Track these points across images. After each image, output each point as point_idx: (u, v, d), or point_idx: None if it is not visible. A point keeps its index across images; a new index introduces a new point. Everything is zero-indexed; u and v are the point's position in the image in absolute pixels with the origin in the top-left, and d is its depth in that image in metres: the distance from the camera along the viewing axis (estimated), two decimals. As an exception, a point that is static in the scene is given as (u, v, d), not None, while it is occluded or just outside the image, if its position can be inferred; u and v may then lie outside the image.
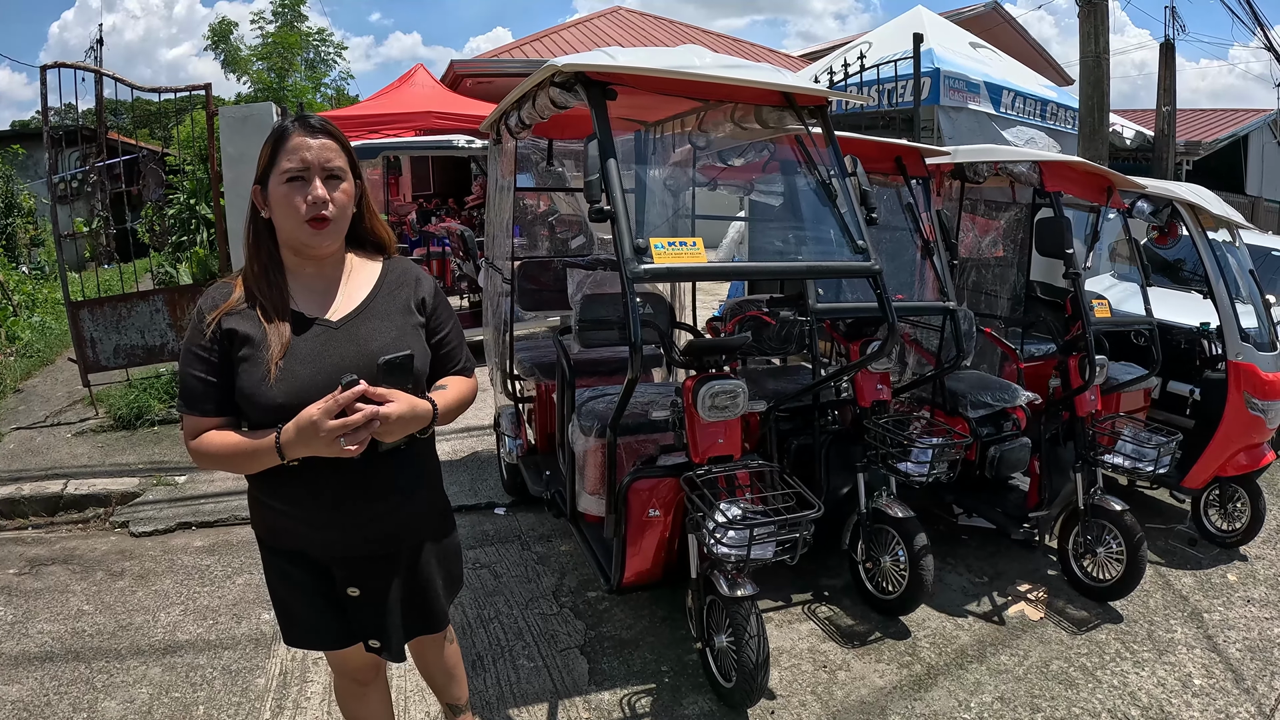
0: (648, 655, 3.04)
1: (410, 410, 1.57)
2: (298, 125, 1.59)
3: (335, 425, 1.47)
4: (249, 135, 5.10)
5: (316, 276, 1.69)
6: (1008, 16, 14.04)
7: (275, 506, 1.68)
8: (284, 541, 1.72)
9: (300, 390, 1.54)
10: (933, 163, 3.68)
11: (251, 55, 12.40)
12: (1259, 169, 14.58)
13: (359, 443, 1.50)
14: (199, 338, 1.59)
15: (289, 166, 1.56)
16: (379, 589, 1.75)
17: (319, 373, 1.57)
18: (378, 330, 1.67)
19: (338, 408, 1.48)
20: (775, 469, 2.65)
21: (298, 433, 1.50)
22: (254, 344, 1.57)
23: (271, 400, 1.55)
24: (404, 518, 1.75)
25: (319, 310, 1.66)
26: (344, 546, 1.70)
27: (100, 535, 4.18)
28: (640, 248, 2.20)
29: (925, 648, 3.19)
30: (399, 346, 1.63)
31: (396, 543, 1.75)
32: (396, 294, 1.74)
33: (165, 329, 5.50)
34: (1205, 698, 2.97)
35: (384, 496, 1.69)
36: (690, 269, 2.29)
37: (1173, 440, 3.46)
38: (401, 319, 1.71)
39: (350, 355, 1.61)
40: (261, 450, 1.54)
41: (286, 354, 1.57)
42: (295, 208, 1.56)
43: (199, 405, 1.60)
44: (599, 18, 15.29)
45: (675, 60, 2.53)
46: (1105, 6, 6.35)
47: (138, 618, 3.31)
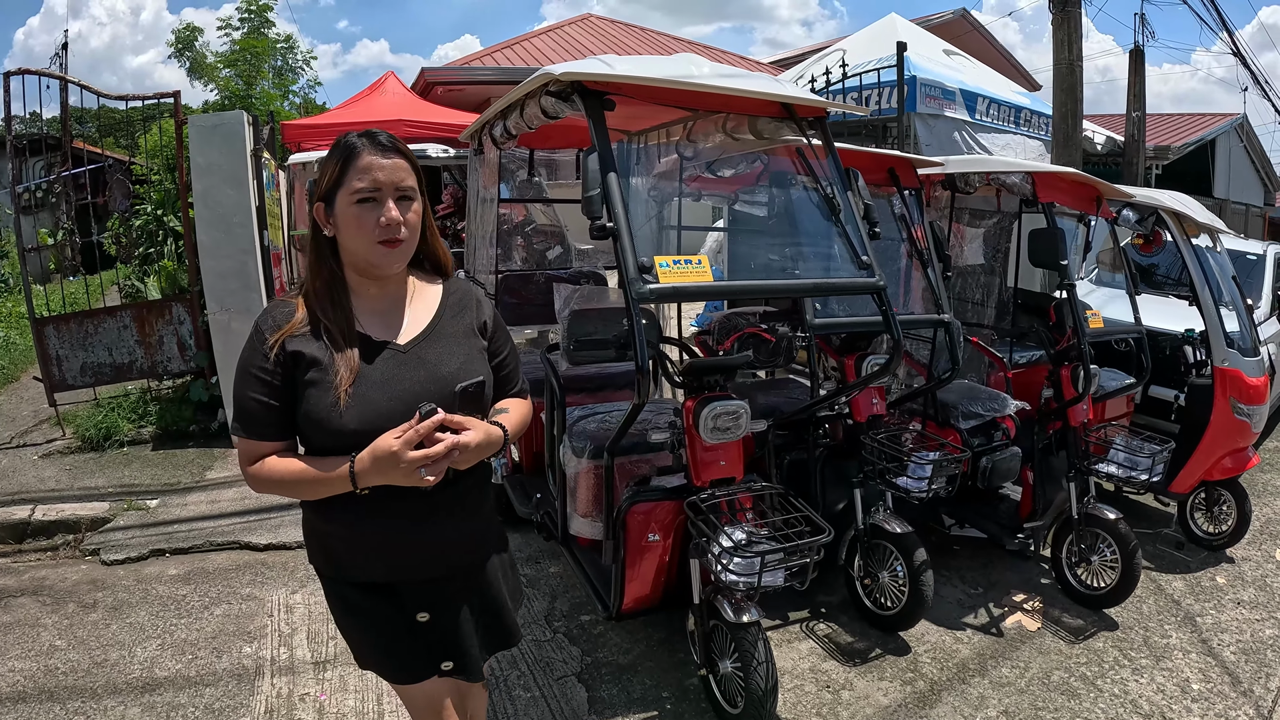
0: (647, 681, 2.97)
1: (486, 438, 1.56)
2: (366, 143, 1.53)
3: (417, 456, 1.44)
4: (219, 145, 4.94)
5: (380, 297, 1.64)
6: (975, 23, 14.16)
7: (339, 534, 1.63)
8: (348, 571, 1.66)
9: (374, 417, 1.50)
10: (924, 173, 3.65)
11: (218, 62, 12.14)
12: (1226, 172, 14.91)
13: (438, 473, 1.47)
14: (260, 359, 1.53)
15: (360, 187, 1.50)
16: (449, 611, 1.70)
17: (391, 398, 1.53)
18: (446, 354, 1.63)
19: (418, 438, 1.44)
20: (780, 491, 2.59)
21: (374, 462, 1.46)
22: (321, 368, 1.52)
23: (343, 427, 1.50)
24: (470, 536, 1.72)
25: (385, 333, 1.61)
26: (412, 570, 1.65)
27: (70, 564, 4.01)
28: (645, 266, 2.13)
29: (927, 663, 3.16)
30: (469, 371, 1.61)
31: (464, 562, 1.72)
32: (460, 317, 1.70)
33: (134, 346, 5.32)
34: (1205, 702, 2.99)
35: (451, 517, 1.65)
36: (697, 288, 2.22)
37: (1165, 449, 3.47)
38: (467, 342, 1.68)
39: (422, 380, 1.57)
40: (333, 479, 1.49)
41: (356, 379, 1.52)
42: (368, 229, 1.51)
43: (259, 429, 1.54)
44: (570, 25, 15.16)
45: (673, 69, 2.47)
46: (1078, 14, 6.42)
47: (113, 653, 3.16)
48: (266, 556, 3.98)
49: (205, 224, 4.99)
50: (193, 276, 5.29)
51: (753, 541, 2.37)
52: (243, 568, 3.86)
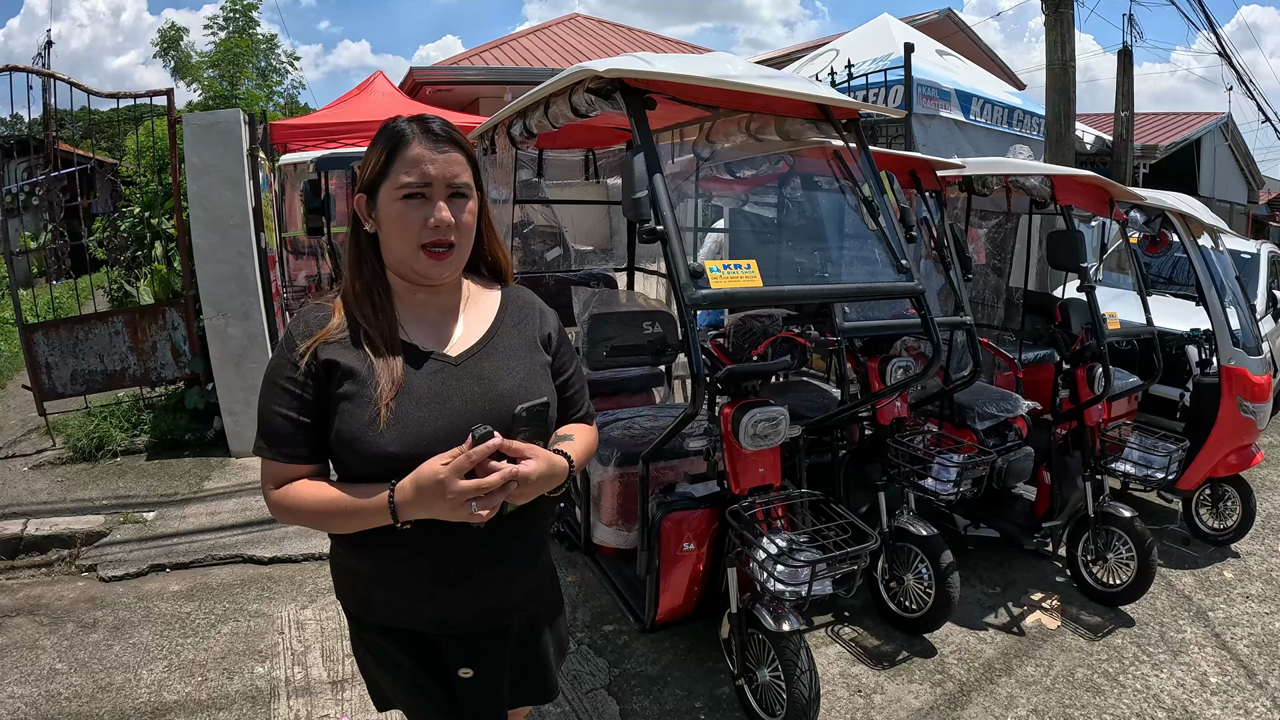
0: (679, 692, 2.93)
1: (549, 469, 1.33)
2: (417, 130, 1.34)
3: (468, 487, 1.22)
4: (215, 144, 4.81)
5: (429, 304, 1.44)
6: (961, 23, 14.30)
7: (373, 576, 1.42)
8: (383, 616, 1.45)
9: (417, 438, 1.29)
10: (943, 174, 3.66)
11: (203, 62, 11.88)
12: (1211, 170, 15.19)
13: (492, 507, 1.25)
14: (289, 369, 1.33)
15: (408, 181, 1.31)
16: (494, 667, 1.50)
17: (439, 417, 1.32)
18: (504, 369, 1.42)
19: (469, 465, 1.22)
20: (820, 498, 2.56)
21: (417, 492, 1.24)
22: (358, 379, 1.32)
23: (381, 449, 1.29)
24: (525, 585, 1.50)
25: (434, 343, 1.40)
26: (459, 621, 1.44)
27: (67, 580, 3.87)
28: (696, 271, 2.08)
29: (954, 664, 3.16)
30: (530, 389, 1.40)
31: (516, 614, 1.51)
32: (521, 327, 1.50)
33: (126, 352, 5.17)
34: (1224, 695, 3.04)
35: (505, 563, 1.43)
36: (748, 293, 2.17)
37: (1181, 448, 3.51)
38: (529, 357, 1.47)
39: (475, 397, 1.36)
40: (369, 510, 1.27)
41: (399, 393, 1.31)
42: (413, 231, 1.33)
43: (286, 449, 1.33)
44: (557, 24, 15.05)
45: (712, 69, 2.42)
46: (1071, 15, 6.47)
47: (118, 676, 3.04)
48: (271, 570, 3.88)
49: (201, 226, 4.86)
50: (187, 280, 5.16)
51: (795, 549, 2.35)
52: (247, 582, 3.76)
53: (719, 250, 5.54)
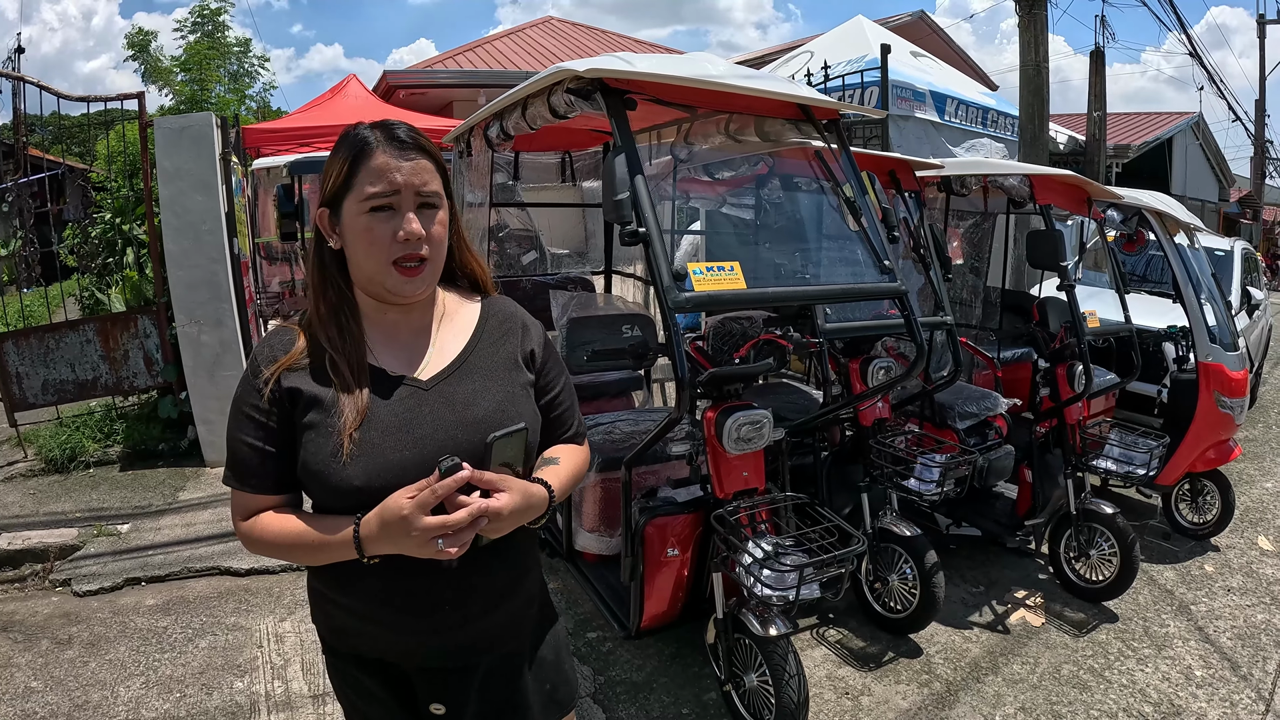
0: (665, 698, 2.91)
1: (524, 501, 1.25)
2: (381, 137, 1.25)
3: (432, 524, 1.15)
4: (187, 148, 4.72)
5: (401, 323, 1.36)
6: (934, 25, 14.42)
7: (345, 605, 1.34)
8: (355, 645, 1.38)
9: (383, 469, 1.22)
10: (922, 175, 3.66)
11: (173, 66, 11.71)
12: (1183, 169, 15.45)
13: (461, 544, 1.18)
14: (253, 396, 1.27)
15: (373, 191, 1.23)
16: (470, 706, 1.40)
17: (406, 446, 1.25)
18: (479, 392, 1.33)
19: (434, 500, 1.15)
20: (806, 501, 2.55)
21: (382, 527, 1.18)
22: (323, 408, 1.25)
23: (346, 482, 1.22)
24: (502, 620, 1.40)
25: (404, 366, 1.32)
26: (429, 656, 1.36)
27: (40, 596, 3.78)
28: (679, 274, 2.05)
29: (940, 664, 3.16)
30: (507, 413, 1.32)
31: (493, 650, 1.42)
32: (501, 345, 1.40)
33: (98, 361, 5.06)
34: (1209, 688, 3.06)
35: (481, 596, 1.35)
36: (731, 296, 2.15)
37: (1161, 444, 3.53)
38: (507, 377, 1.37)
39: (447, 424, 1.28)
40: (334, 544, 1.22)
41: (364, 422, 1.24)
42: (381, 245, 1.24)
43: (251, 480, 1.28)
44: (531, 27, 14.99)
45: (693, 69, 2.40)
46: (1045, 16, 6.53)
47: (94, 694, 2.96)
48: (249, 582, 3.81)
49: (173, 232, 4.78)
50: (159, 287, 5.06)
51: (782, 554, 2.33)
52: (225, 595, 3.69)
53: (695, 252, 5.52)
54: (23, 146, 5.41)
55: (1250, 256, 6.93)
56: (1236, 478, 5.21)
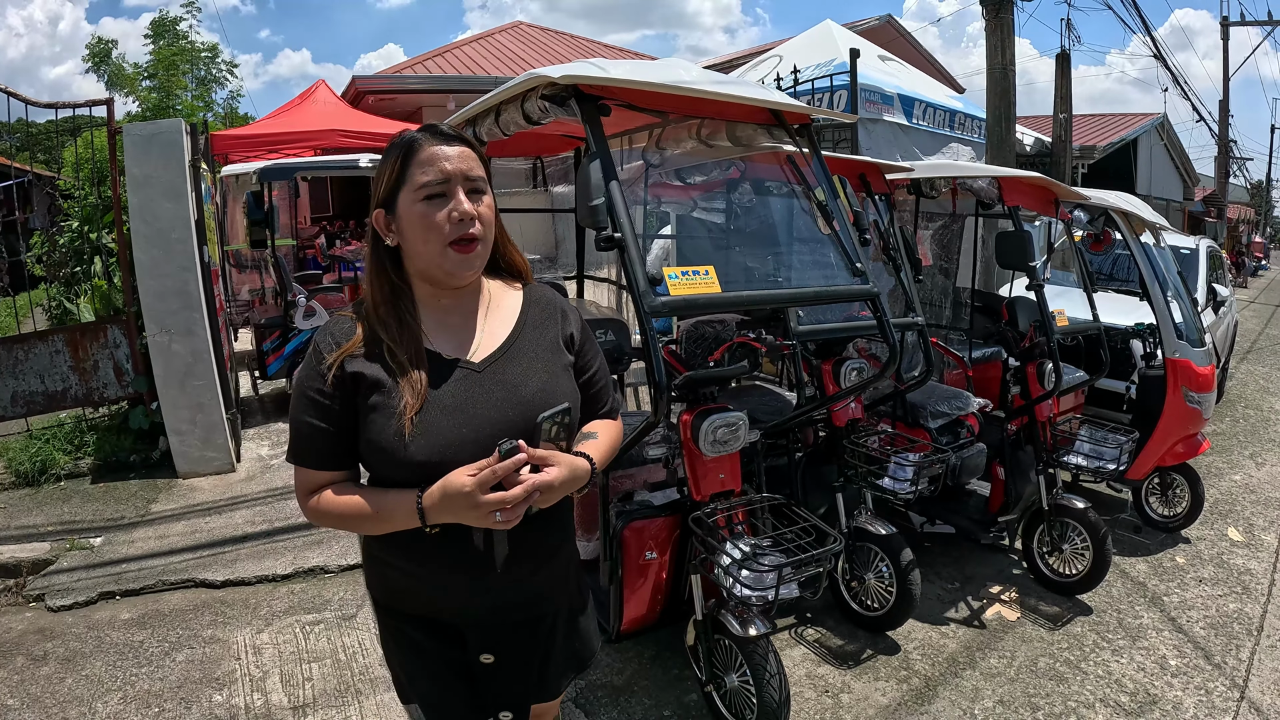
0: (646, 701, 2.91)
1: (571, 474, 1.39)
2: (427, 135, 1.39)
3: (493, 500, 1.28)
4: (156, 155, 4.65)
5: (453, 309, 1.48)
6: (901, 29, 14.59)
7: (403, 567, 1.48)
8: (409, 605, 1.52)
9: (443, 447, 1.35)
10: (892, 178, 3.70)
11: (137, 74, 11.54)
12: (1148, 169, 15.75)
13: (516, 517, 1.32)
14: (317, 381, 1.38)
15: (426, 180, 1.35)
16: (517, 656, 1.56)
17: (464, 425, 1.37)
18: (528, 373, 1.46)
19: (495, 478, 1.28)
20: (782, 501, 2.57)
21: (444, 499, 1.31)
22: (385, 391, 1.37)
23: (410, 458, 1.34)
24: (545, 579, 1.56)
25: (457, 349, 1.44)
26: (481, 613, 1.51)
27: (13, 611, 3.71)
28: (655, 278, 2.07)
29: (918, 660, 3.20)
30: (553, 392, 1.45)
31: (539, 607, 1.57)
32: (544, 329, 1.53)
33: (67, 372, 4.98)
34: (1184, 677, 3.12)
35: (529, 559, 1.49)
36: (707, 299, 2.17)
37: (1131, 439, 3.60)
38: (551, 358, 1.50)
39: (499, 403, 1.41)
40: (399, 515, 1.35)
41: (425, 404, 1.36)
42: (437, 228, 1.35)
43: (316, 459, 1.41)
44: (500, 32, 14.94)
45: (666, 74, 2.41)
46: (1011, 20, 6.62)
47: (72, 710, 2.92)
48: (225, 594, 3.76)
49: (142, 240, 4.70)
50: (128, 296, 4.99)
51: (759, 555, 2.35)
52: (201, 607, 3.64)
53: (666, 257, 5.55)
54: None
55: (1215, 254, 7.08)
56: (1205, 471, 5.33)
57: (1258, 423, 6.89)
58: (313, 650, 3.27)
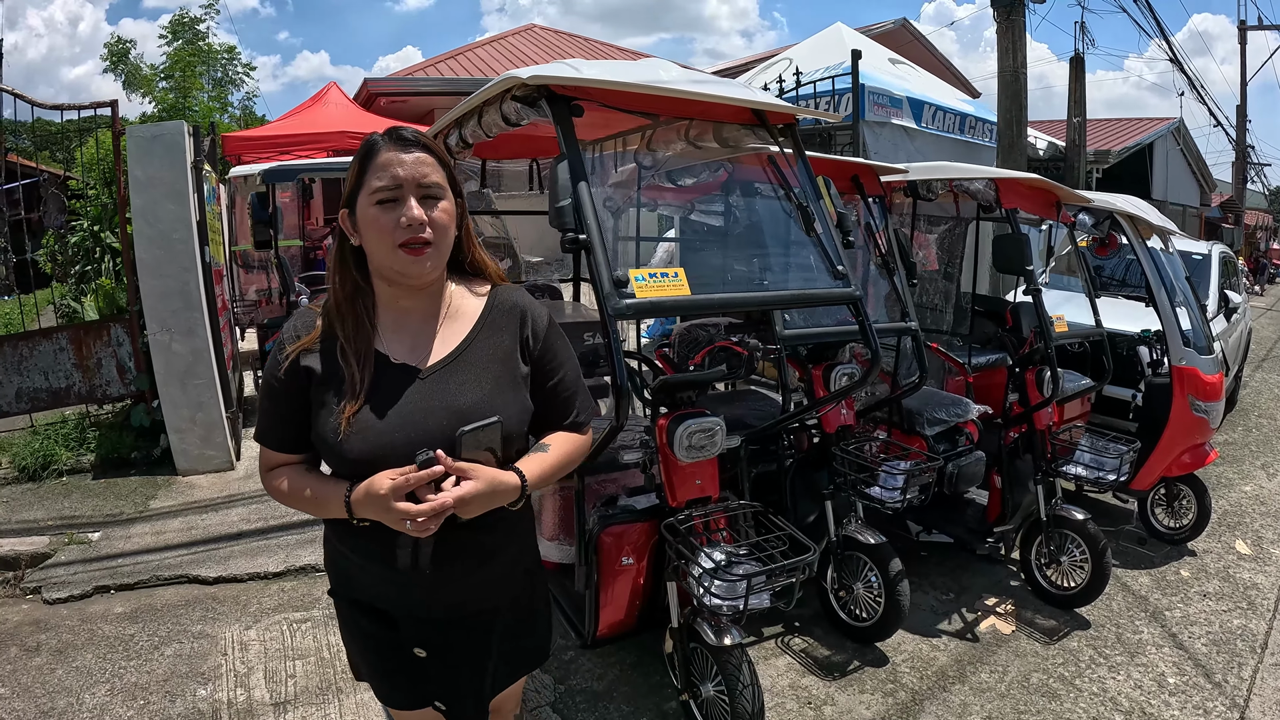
0: (624, 707, 2.88)
1: (490, 489, 1.40)
2: (387, 139, 1.43)
3: (401, 510, 1.33)
4: (159, 157, 4.70)
5: (412, 310, 1.51)
6: (916, 32, 14.45)
7: (349, 555, 1.55)
8: (354, 591, 1.59)
9: (376, 448, 1.40)
10: (887, 180, 3.64)
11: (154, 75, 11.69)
12: (1164, 174, 15.49)
13: (429, 527, 1.35)
14: (276, 369, 1.47)
15: (380, 185, 1.39)
16: (448, 652, 1.58)
17: (397, 429, 1.41)
18: (470, 383, 1.47)
19: (409, 487, 1.33)
20: (759, 509, 2.53)
21: (366, 498, 1.37)
22: (330, 387, 1.44)
23: (344, 454, 1.41)
24: (483, 582, 1.57)
25: (407, 353, 1.48)
26: (415, 606, 1.54)
27: (11, 603, 3.76)
28: (621, 280, 2.04)
29: (906, 673, 3.13)
30: (490, 404, 1.45)
31: (472, 607, 1.58)
32: (498, 336, 1.54)
33: (71, 369, 5.04)
34: (1182, 695, 3.03)
35: (459, 563, 1.51)
36: (674, 302, 2.14)
37: (1132, 449, 3.51)
38: (499, 368, 1.51)
39: (435, 411, 1.44)
40: (333, 504, 1.43)
41: (364, 404, 1.42)
42: (388, 231, 1.40)
43: (275, 441, 1.52)
44: (513, 35, 14.95)
45: (642, 74, 2.38)
46: (1022, 22, 6.53)
47: (60, 700, 2.96)
48: (217, 590, 3.79)
49: (145, 240, 4.75)
50: (131, 296, 5.04)
51: (734, 563, 2.31)
52: (192, 603, 3.67)
53: (671, 260, 5.52)
54: (2, 155, 5.37)
55: (1228, 260, 6.92)
56: (1215, 481, 5.20)
57: (1270, 433, 6.72)
58: (298, 648, 3.28)
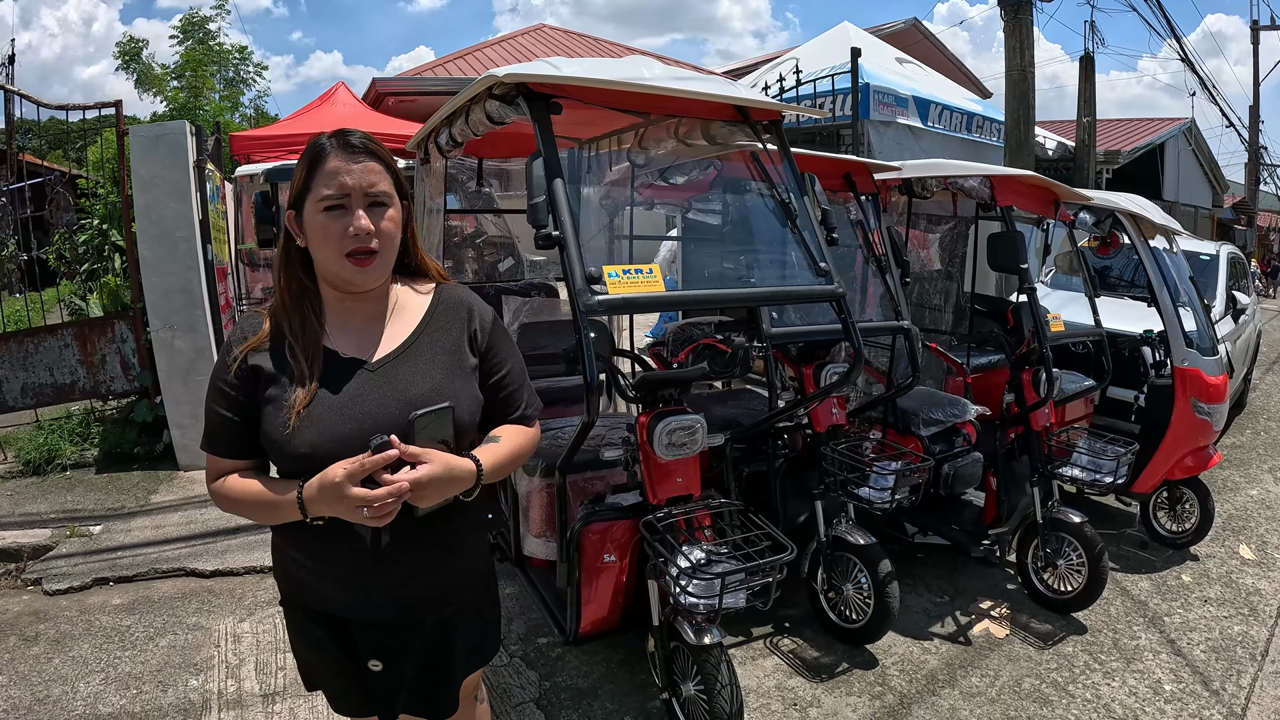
0: (608, 705, 2.87)
1: (446, 473, 1.39)
2: (335, 145, 1.42)
3: (357, 496, 1.31)
4: (162, 156, 4.76)
5: (357, 311, 1.52)
6: (927, 32, 14.35)
7: (298, 559, 1.52)
8: (306, 598, 1.56)
9: (326, 440, 1.39)
10: (881, 178, 3.61)
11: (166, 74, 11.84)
12: (1175, 175, 15.28)
13: (385, 514, 1.33)
14: (224, 372, 1.45)
15: (327, 194, 1.39)
16: (406, 661, 1.57)
17: (348, 421, 1.41)
18: (419, 374, 1.49)
19: (364, 472, 1.32)
20: (740, 508, 2.51)
21: (320, 491, 1.34)
22: (280, 384, 1.43)
23: (294, 449, 1.40)
24: (440, 584, 1.56)
25: (356, 349, 1.49)
26: (368, 611, 1.53)
27: (12, 594, 3.82)
28: (593, 277, 2.03)
29: (895, 675, 3.10)
30: (441, 393, 1.46)
31: (428, 611, 1.57)
32: (446, 330, 1.55)
33: (76, 365, 5.11)
34: (1178, 703, 2.97)
35: (413, 563, 1.50)
36: (647, 299, 2.13)
37: (1129, 451, 3.46)
38: (448, 360, 1.52)
39: (387, 402, 1.44)
40: (284, 504, 1.39)
41: (314, 399, 1.41)
42: (335, 240, 1.40)
43: (221, 445, 1.48)
44: (523, 35, 14.90)
45: (624, 72, 2.38)
46: (1030, 21, 6.47)
47: (55, 689, 3.01)
48: (213, 583, 3.82)
49: (148, 239, 4.81)
50: (135, 293, 5.10)
51: (711, 561, 2.29)
52: (188, 595, 3.71)
53: (674, 258, 5.53)
54: (15, 153, 5.47)
55: (1237, 261, 6.80)
56: (1221, 485, 5.12)
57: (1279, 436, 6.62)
58: (290, 641, 3.30)
